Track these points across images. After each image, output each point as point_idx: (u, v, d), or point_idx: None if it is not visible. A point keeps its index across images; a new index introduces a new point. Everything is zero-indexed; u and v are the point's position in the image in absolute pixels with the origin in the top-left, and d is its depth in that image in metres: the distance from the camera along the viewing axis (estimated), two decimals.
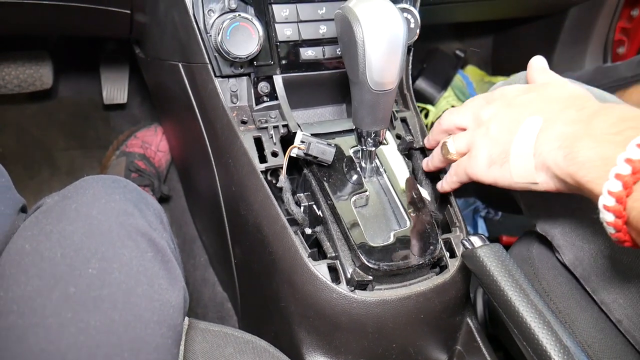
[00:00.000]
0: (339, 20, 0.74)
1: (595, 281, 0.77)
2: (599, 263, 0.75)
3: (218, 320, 1.28)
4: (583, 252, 0.77)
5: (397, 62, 0.72)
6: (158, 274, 0.64)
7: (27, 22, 1.17)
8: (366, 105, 0.75)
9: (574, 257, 0.79)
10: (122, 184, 0.70)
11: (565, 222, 0.79)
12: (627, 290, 0.73)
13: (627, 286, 0.73)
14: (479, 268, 0.68)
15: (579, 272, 0.79)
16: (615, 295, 0.74)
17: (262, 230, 0.84)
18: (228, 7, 0.86)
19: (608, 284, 0.75)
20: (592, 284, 0.77)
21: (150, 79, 1.34)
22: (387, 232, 0.79)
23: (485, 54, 2.00)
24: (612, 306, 0.75)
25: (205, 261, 1.39)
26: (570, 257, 0.79)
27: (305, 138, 0.81)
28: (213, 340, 0.73)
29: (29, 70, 1.49)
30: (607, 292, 0.75)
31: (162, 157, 1.50)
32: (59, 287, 0.57)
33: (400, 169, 0.87)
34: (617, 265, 0.73)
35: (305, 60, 0.91)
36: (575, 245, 0.78)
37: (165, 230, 0.72)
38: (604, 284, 0.75)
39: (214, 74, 0.89)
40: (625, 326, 0.74)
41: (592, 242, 0.76)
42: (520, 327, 0.63)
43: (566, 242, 0.79)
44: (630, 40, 1.63)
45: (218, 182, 0.99)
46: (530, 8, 1.64)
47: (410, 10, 0.94)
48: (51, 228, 0.61)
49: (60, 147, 1.63)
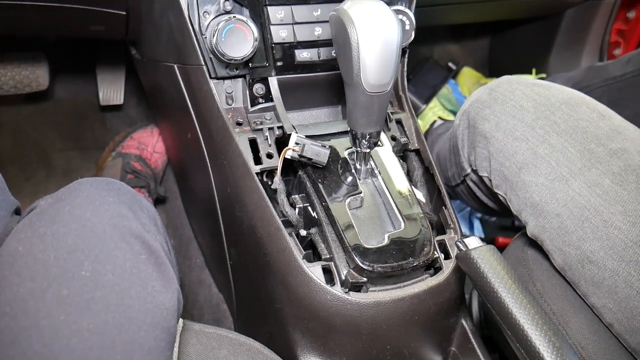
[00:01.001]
0: (333, 22, 0.74)
1: (584, 286, 0.77)
2: (586, 269, 0.76)
3: (214, 322, 1.28)
4: (570, 257, 0.78)
5: (391, 64, 0.72)
6: (151, 276, 0.64)
7: (23, 24, 1.17)
8: (361, 107, 0.75)
9: (562, 262, 0.79)
10: (116, 187, 0.70)
11: (552, 228, 0.80)
12: (616, 295, 0.73)
13: (615, 291, 0.73)
14: (472, 270, 0.69)
15: (569, 276, 0.79)
16: (605, 300, 0.75)
17: (256, 232, 0.84)
18: (223, 8, 0.86)
19: (597, 289, 0.75)
20: (582, 288, 0.78)
21: (146, 81, 1.34)
22: (382, 233, 0.79)
23: (481, 56, 2.00)
24: (602, 310, 0.76)
25: (201, 262, 1.38)
26: (559, 262, 0.80)
27: (299, 140, 0.81)
28: (207, 342, 0.73)
29: (25, 72, 1.49)
30: (597, 297, 0.76)
31: (158, 159, 1.50)
32: (52, 290, 0.57)
33: (395, 171, 0.87)
34: (604, 271, 0.74)
35: (300, 62, 0.91)
36: (563, 250, 0.78)
37: (160, 232, 0.72)
38: (593, 289, 0.76)
39: (209, 76, 0.89)
40: (617, 330, 0.75)
41: (578, 247, 0.76)
42: (513, 329, 0.63)
43: (555, 247, 0.80)
44: (626, 42, 1.64)
45: (213, 183, 0.99)
46: (526, 10, 1.65)
47: (405, 12, 0.94)
48: (44, 230, 0.61)
49: (57, 148, 1.63)
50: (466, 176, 1.03)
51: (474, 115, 0.95)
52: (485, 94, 0.95)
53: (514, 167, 0.86)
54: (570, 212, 0.78)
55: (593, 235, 0.75)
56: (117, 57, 1.61)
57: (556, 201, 0.79)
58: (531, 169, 0.83)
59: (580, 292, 0.78)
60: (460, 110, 1.01)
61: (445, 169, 1.14)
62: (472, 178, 1.01)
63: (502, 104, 0.91)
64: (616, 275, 0.72)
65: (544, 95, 0.88)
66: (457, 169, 1.06)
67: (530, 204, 0.83)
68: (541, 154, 0.83)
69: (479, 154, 0.94)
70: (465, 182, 1.06)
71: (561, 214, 0.79)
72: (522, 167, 0.85)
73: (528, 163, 0.84)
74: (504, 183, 0.89)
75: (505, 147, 0.88)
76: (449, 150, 1.09)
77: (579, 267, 0.77)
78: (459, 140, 1.00)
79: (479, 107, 0.94)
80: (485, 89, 0.97)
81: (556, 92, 0.89)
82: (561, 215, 0.79)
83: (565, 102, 0.86)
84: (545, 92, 0.89)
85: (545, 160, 0.82)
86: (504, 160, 0.88)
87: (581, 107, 0.85)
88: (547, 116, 0.85)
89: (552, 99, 0.87)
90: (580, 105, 0.85)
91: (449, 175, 1.12)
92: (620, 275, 0.72)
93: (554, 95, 0.88)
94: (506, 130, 0.88)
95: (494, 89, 0.94)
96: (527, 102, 0.88)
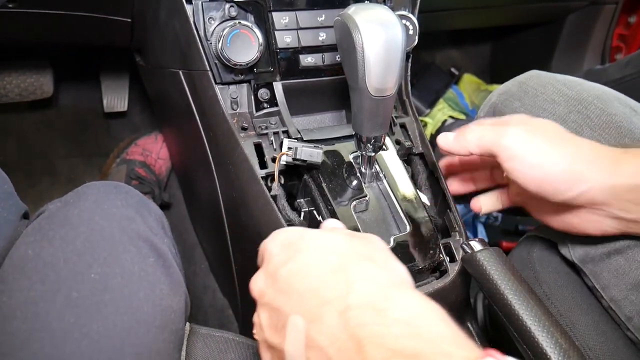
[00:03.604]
0: (338, 27, 0.74)
1: (606, 277, 0.76)
2: (613, 259, 0.75)
3: (219, 327, 1.28)
4: (595, 248, 0.77)
5: (396, 68, 0.72)
6: (160, 279, 0.64)
7: (27, 32, 1.18)
8: (366, 111, 0.76)
9: (584, 253, 0.78)
10: (123, 190, 0.71)
11: None
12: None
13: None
14: (478, 272, 0.69)
15: (588, 268, 0.78)
16: (627, 292, 0.74)
17: (262, 236, 0.83)
18: (228, 14, 0.87)
19: (620, 280, 0.74)
20: (603, 280, 0.77)
21: (150, 87, 1.34)
22: (387, 236, 0.79)
23: (483, 62, 2.01)
24: (622, 303, 0.75)
25: (206, 268, 1.39)
26: (580, 253, 0.79)
27: (291, 144, 0.81)
28: (215, 346, 0.73)
29: (29, 79, 1.50)
30: (619, 288, 0.75)
31: (162, 165, 1.50)
32: (61, 292, 0.57)
33: (400, 174, 0.87)
34: (631, 262, 0.73)
35: (304, 67, 0.91)
36: (588, 241, 0.78)
37: (167, 235, 0.72)
38: (616, 280, 0.75)
39: (214, 81, 0.89)
40: (636, 323, 0.74)
41: (605, 239, 0.75)
42: (520, 331, 0.63)
43: (578, 238, 0.79)
44: (628, 47, 1.64)
45: (219, 188, 0.99)
46: (528, 15, 1.65)
47: (409, 17, 0.95)
48: (54, 234, 0.62)
49: (61, 155, 1.63)
50: None
51: (502, 108, 0.94)
52: (514, 87, 0.95)
53: None
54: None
55: None
56: (121, 64, 1.62)
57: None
58: None
59: (599, 284, 0.77)
60: (485, 103, 1.00)
61: None
62: None
63: (533, 97, 0.90)
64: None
65: (576, 90, 0.87)
66: None
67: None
68: None
69: None
70: None
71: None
72: None
73: None
74: None
75: None
76: None
77: (604, 258, 0.76)
78: None
79: (508, 100, 0.93)
80: (514, 82, 0.96)
81: (588, 87, 0.88)
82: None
83: (597, 97, 0.85)
84: (576, 87, 0.88)
85: None
86: None
87: (613, 103, 0.84)
88: (579, 110, 0.84)
89: (584, 93, 0.86)
90: (612, 100, 0.85)
91: None
92: None
93: (586, 90, 0.87)
94: None
95: (524, 82, 0.94)
96: (559, 96, 0.88)
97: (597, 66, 1.62)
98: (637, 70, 1.31)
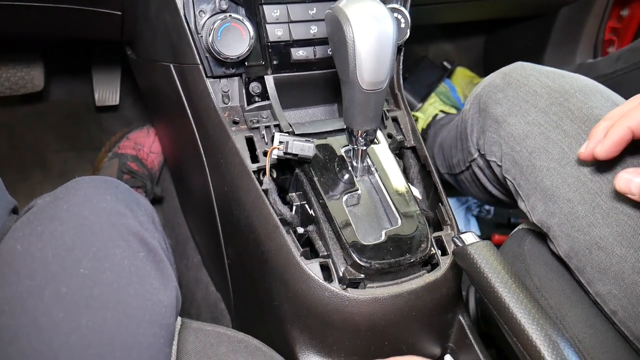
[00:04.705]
0: (329, 21, 0.74)
1: (590, 272, 0.77)
2: (594, 255, 0.76)
3: (212, 321, 1.28)
4: (578, 243, 0.78)
5: (387, 61, 0.72)
6: (150, 274, 0.64)
7: (17, 25, 1.17)
8: (357, 105, 0.75)
9: (569, 248, 0.79)
10: (113, 185, 0.70)
11: (562, 213, 0.80)
12: (622, 282, 0.73)
13: (621, 277, 0.73)
14: (469, 265, 0.69)
15: (574, 263, 0.79)
16: (610, 286, 0.75)
17: (254, 230, 0.84)
18: (219, 7, 0.87)
19: (603, 275, 0.75)
20: (587, 275, 0.78)
21: (142, 81, 1.34)
22: (379, 230, 0.80)
23: (476, 55, 2.01)
24: (606, 297, 0.76)
25: (199, 262, 1.39)
26: (565, 249, 0.80)
27: (282, 138, 0.81)
28: (206, 340, 0.73)
29: (20, 73, 1.49)
30: (602, 283, 0.76)
31: (154, 159, 1.50)
32: (50, 287, 0.57)
33: (392, 168, 0.87)
34: (612, 256, 0.74)
35: (296, 61, 0.91)
36: (571, 236, 0.78)
37: (157, 230, 0.72)
38: (599, 275, 0.76)
39: (205, 75, 0.89)
40: (620, 317, 0.75)
41: (587, 233, 0.76)
42: (510, 324, 0.63)
43: (562, 233, 0.79)
44: (620, 40, 1.64)
45: (210, 182, 0.99)
46: (521, 8, 1.65)
47: (401, 11, 0.95)
48: (42, 229, 0.62)
49: (53, 149, 1.62)
50: (472, 161, 1.02)
51: (486, 99, 0.94)
52: (498, 79, 0.95)
53: (524, 152, 0.86)
54: (582, 197, 0.77)
55: (603, 221, 0.75)
56: (112, 57, 1.61)
57: (567, 186, 0.79)
58: (542, 154, 0.83)
59: (585, 279, 0.78)
60: (471, 94, 1.01)
61: (449, 157, 1.14)
62: (479, 163, 1.01)
63: (515, 89, 0.91)
64: (624, 262, 0.73)
65: (558, 82, 0.88)
66: (463, 155, 1.06)
67: (541, 189, 0.83)
68: (553, 139, 0.83)
69: (488, 139, 0.93)
70: (470, 169, 1.05)
71: (572, 199, 0.78)
72: (533, 152, 0.85)
73: (540, 147, 0.84)
74: (513, 167, 0.88)
75: (517, 131, 0.88)
76: (455, 137, 1.09)
77: (587, 253, 0.77)
78: (467, 124, 1.00)
79: (492, 91, 0.94)
80: (498, 74, 0.97)
81: (570, 79, 0.89)
82: (572, 200, 0.78)
83: (579, 90, 0.86)
84: (559, 79, 0.89)
85: (557, 145, 0.82)
86: (514, 144, 0.88)
87: (595, 96, 0.85)
88: (561, 102, 0.85)
89: (567, 86, 0.87)
90: (594, 93, 0.85)
91: (453, 163, 1.12)
92: (628, 262, 0.72)
93: (568, 82, 0.88)
94: (519, 115, 0.88)
95: (508, 74, 0.94)
96: (541, 88, 0.88)
97: (589, 60, 1.62)
98: (627, 65, 1.31)
